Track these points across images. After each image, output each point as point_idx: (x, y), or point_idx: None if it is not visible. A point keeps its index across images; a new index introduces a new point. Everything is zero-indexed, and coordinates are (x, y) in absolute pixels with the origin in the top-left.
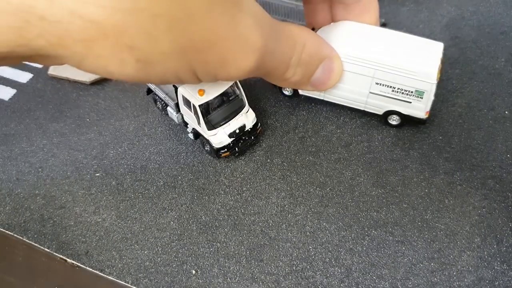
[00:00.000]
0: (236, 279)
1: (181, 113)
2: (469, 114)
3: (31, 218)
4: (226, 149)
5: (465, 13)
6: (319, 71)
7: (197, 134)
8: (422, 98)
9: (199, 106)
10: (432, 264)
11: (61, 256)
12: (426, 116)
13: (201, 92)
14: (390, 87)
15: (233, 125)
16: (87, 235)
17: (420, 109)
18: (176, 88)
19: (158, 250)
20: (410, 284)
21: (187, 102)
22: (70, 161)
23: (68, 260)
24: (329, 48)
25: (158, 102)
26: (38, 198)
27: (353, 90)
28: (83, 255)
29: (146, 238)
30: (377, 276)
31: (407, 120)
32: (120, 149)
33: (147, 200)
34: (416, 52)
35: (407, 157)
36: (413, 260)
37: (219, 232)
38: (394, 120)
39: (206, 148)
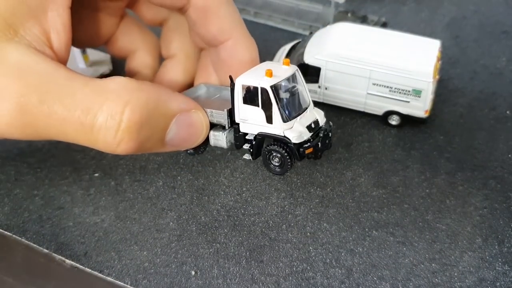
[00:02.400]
0: (236, 280)
1: (232, 130)
2: (471, 114)
3: (29, 219)
4: (308, 144)
5: (466, 13)
6: (173, 129)
7: (258, 148)
8: (420, 97)
9: (271, 87)
10: (433, 265)
11: (60, 257)
12: (426, 115)
13: (269, 72)
14: (387, 87)
15: (308, 118)
16: (86, 235)
17: (419, 108)
18: (232, 83)
19: (157, 251)
20: (411, 285)
21: (251, 95)
22: (68, 161)
23: (67, 261)
24: (180, 101)
25: None
26: (36, 198)
27: (351, 92)
28: (82, 256)
29: (145, 239)
30: (378, 277)
31: (407, 120)
32: None
33: (146, 200)
34: (412, 51)
35: (408, 157)
36: (414, 261)
37: (219, 232)
38: (394, 120)
39: (273, 163)
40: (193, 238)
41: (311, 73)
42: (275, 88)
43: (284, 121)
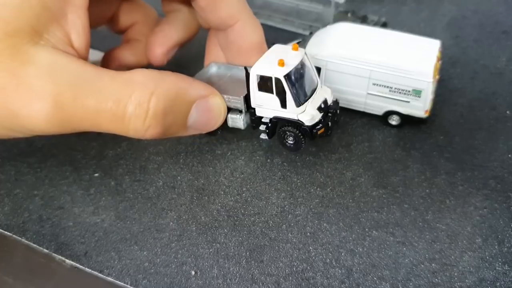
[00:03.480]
0: (236, 280)
1: (248, 113)
2: (471, 114)
3: (29, 219)
4: (320, 125)
5: (466, 12)
6: (194, 114)
7: (273, 129)
8: (420, 97)
9: (284, 77)
10: (433, 265)
11: (60, 257)
12: (426, 115)
13: (282, 62)
14: (387, 87)
15: (317, 99)
16: (86, 235)
17: (419, 108)
18: (247, 73)
19: (157, 251)
20: (411, 285)
21: (265, 83)
22: (68, 161)
23: (67, 260)
24: (199, 88)
25: None
26: (36, 198)
27: (351, 92)
28: (82, 256)
29: (145, 239)
30: (378, 277)
31: (407, 120)
32: (119, 149)
33: (146, 200)
34: (412, 50)
35: (408, 157)
36: (414, 261)
37: (219, 232)
38: (394, 120)
39: (289, 143)
40: (193, 238)
41: None
42: (288, 76)
43: (297, 106)
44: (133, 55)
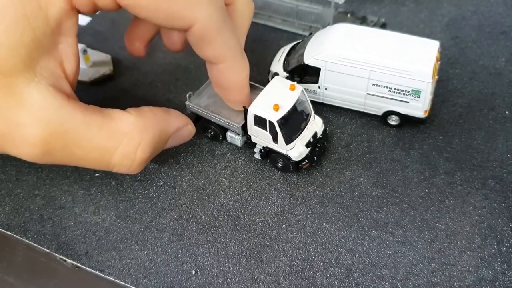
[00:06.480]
0: (236, 280)
1: (245, 136)
2: (470, 114)
3: (30, 219)
4: (306, 160)
5: (465, 13)
6: (169, 142)
7: (266, 154)
8: (419, 97)
9: (277, 121)
10: (432, 264)
11: (61, 257)
12: (425, 115)
13: (277, 106)
14: (387, 87)
15: (307, 134)
16: (87, 235)
17: (418, 108)
18: (245, 110)
19: (158, 250)
20: (410, 285)
21: (260, 121)
22: None
23: (68, 260)
24: (176, 123)
25: (211, 130)
26: (37, 198)
27: (350, 92)
28: (83, 255)
29: (146, 239)
30: (377, 277)
31: (406, 120)
32: None
33: (147, 200)
34: (411, 51)
35: (407, 157)
36: (414, 260)
37: (219, 232)
38: (393, 121)
39: (278, 165)
40: (194, 237)
41: (311, 74)
42: (281, 120)
43: (287, 144)
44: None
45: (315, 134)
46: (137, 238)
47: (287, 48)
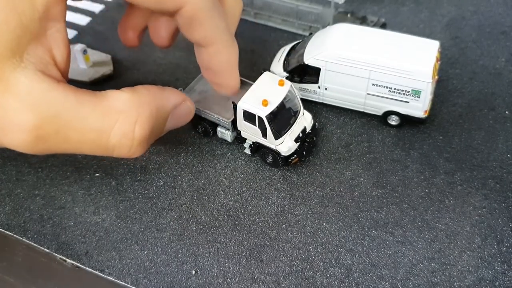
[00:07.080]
0: (236, 280)
1: (235, 131)
2: (470, 114)
3: (30, 219)
4: (295, 155)
5: (465, 13)
6: (169, 121)
7: (256, 149)
8: (419, 97)
9: (266, 116)
10: (432, 264)
11: (61, 257)
12: (425, 115)
13: (266, 102)
14: (387, 87)
15: (296, 129)
16: (87, 235)
17: (418, 108)
18: (235, 105)
19: (158, 250)
20: (410, 284)
21: (250, 116)
22: (69, 161)
23: (68, 260)
24: (173, 98)
25: (201, 126)
26: (37, 198)
27: (350, 92)
28: (83, 255)
29: (146, 239)
30: (377, 277)
31: (406, 120)
32: None
33: (147, 200)
34: (411, 51)
35: (407, 157)
36: (414, 260)
37: (219, 232)
38: (393, 121)
39: (268, 160)
40: (194, 237)
41: (311, 74)
42: (270, 115)
43: (276, 139)
44: (143, 18)
45: (304, 129)
46: (137, 238)
47: (287, 48)
